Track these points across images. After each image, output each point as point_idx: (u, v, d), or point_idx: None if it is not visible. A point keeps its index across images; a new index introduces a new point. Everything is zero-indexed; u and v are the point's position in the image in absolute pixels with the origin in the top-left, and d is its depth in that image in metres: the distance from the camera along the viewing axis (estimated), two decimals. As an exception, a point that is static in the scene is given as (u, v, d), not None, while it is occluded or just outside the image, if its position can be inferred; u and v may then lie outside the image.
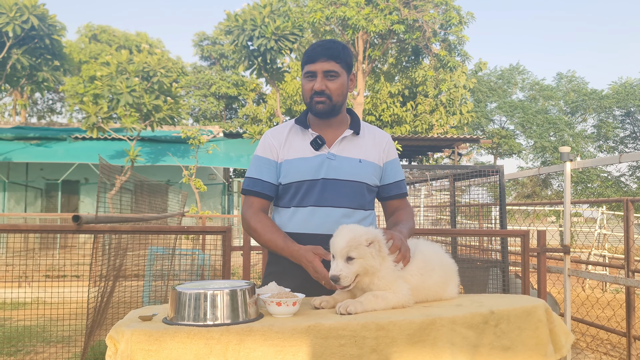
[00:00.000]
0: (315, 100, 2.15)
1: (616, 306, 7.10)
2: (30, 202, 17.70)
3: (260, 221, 2.15)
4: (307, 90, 2.17)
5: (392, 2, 15.77)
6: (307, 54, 2.17)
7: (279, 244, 2.08)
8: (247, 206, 2.21)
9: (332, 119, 2.22)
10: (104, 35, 26.07)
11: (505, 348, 1.71)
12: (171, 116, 13.46)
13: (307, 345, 1.53)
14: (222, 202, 18.17)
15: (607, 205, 12.58)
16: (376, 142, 2.27)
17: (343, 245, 1.78)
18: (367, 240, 1.79)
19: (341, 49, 2.17)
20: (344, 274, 1.77)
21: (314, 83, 2.14)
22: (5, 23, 13.47)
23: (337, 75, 2.15)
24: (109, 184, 5.79)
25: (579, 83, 33.68)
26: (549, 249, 4.44)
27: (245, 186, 2.23)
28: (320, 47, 2.15)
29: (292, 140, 2.21)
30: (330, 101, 2.15)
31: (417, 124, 19.39)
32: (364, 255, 1.78)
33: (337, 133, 2.22)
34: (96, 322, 4.66)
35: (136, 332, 1.50)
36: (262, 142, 2.25)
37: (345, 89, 2.19)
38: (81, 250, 12.17)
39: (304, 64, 2.19)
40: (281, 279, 2.05)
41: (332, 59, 2.13)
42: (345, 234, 1.81)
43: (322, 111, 2.16)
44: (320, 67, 2.13)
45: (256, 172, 2.21)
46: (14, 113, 25.99)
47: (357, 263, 1.78)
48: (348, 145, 2.20)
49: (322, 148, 2.17)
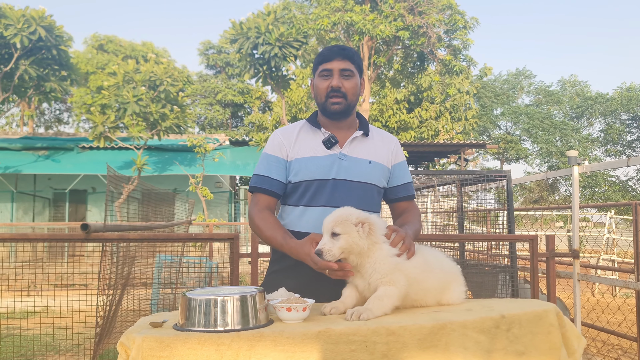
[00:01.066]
0: (331, 101, 2.16)
1: (627, 311, 7.04)
2: (39, 211, 17.79)
3: (263, 218, 2.14)
4: (322, 89, 2.17)
5: (397, 8, 15.82)
6: (322, 54, 2.19)
7: (278, 240, 2.07)
8: (254, 203, 2.20)
9: (344, 120, 2.22)
10: (111, 45, 26.26)
11: (519, 353, 1.70)
12: (177, 125, 13.52)
13: (317, 351, 1.53)
14: (228, 210, 18.19)
15: (616, 210, 12.50)
16: (385, 144, 2.28)
17: (329, 222, 1.82)
18: (357, 219, 1.81)
19: (354, 52, 2.21)
20: (327, 247, 1.79)
21: (330, 81, 2.15)
22: (13, 34, 13.59)
23: (353, 74, 2.18)
24: (116, 193, 5.82)
25: (582, 87, 33.59)
26: (557, 253, 4.41)
27: (252, 183, 2.22)
28: (336, 47, 2.19)
29: (303, 139, 2.21)
30: (346, 100, 2.16)
31: (423, 130, 19.39)
32: (349, 231, 1.79)
33: (347, 134, 2.22)
34: (105, 330, 4.66)
35: (147, 339, 1.50)
36: (271, 140, 2.25)
37: (358, 89, 2.21)
38: (89, 259, 12.20)
39: (318, 64, 2.20)
40: (283, 278, 2.06)
41: (347, 59, 2.16)
42: (335, 213, 1.85)
43: (337, 111, 2.17)
44: (337, 65, 2.15)
45: (264, 170, 2.20)
46: (22, 123, 26.19)
47: (342, 239, 1.79)
48: (358, 146, 2.21)
49: (334, 147, 2.17)
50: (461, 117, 19.53)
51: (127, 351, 1.56)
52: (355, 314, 1.70)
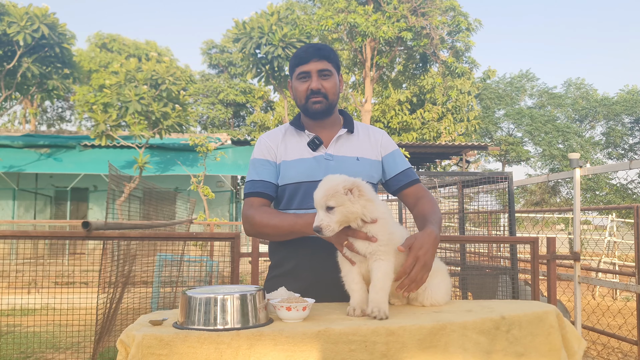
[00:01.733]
0: (312, 101, 2.14)
1: (627, 314, 7.03)
2: (40, 209, 17.82)
3: (264, 212, 2.10)
4: (301, 91, 2.15)
5: (400, 9, 15.82)
6: (297, 56, 2.16)
7: (289, 220, 2.02)
8: (248, 206, 2.16)
9: (327, 119, 2.21)
10: (115, 44, 26.29)
11: (519, 354, 1.69)
12: (179, 123, 13.54)
13: (317, 351, 1.53)
14: (230, 210, 18.21)
15: (617, 213, 12.48)
16: (371, 138, 2.25)
17: (321, 196, 1.78)
18: (344, 188, 1.78)
19: (330, 50, 2.18)
20: (325, 223, 1.77)
21: (308, 83, 2.13)
22: (16, 32, 13.63)
23: (331, 74, 2.16)
24: (117, 192, 5.83)
25: (588, 90, 33.55)
26: (558, 256, 4.41)
27: (246, 190, 2.20)
28: (312, 48, 2.16)
29: (289, 142, 2.19)
30: (327, 100, 2.15)
31: (425, 131, 19.39)
32: (343, 202, 1.77)
33: (331, 133, 2.20)
34: (105, 328, 4.67)
35: (147, 337, 1.50)
36: (258, 145, 2.23)
37: (337, 88, 2.19)
38: (90, 257, 12.22)
39: (295, 66, 2.17)
40: (284, 283, 2.02)
41: (324, 59, 2.14)
42: (322, 185, 1.81)
43: (319, 111, 2.15)
44: (314, 66, 2.12)
45: (255, 174, 2.18)
46: (24, 121, 26.23)
47: (337, 212, 1.77)
48: (344, 144, 2.19)
49: (319, 148, 2.15)
50: (463, 119, 19.52)
51: (127, 349, 1.56)
52: (376, 312, 1.69)
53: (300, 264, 2.11)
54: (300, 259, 2.11)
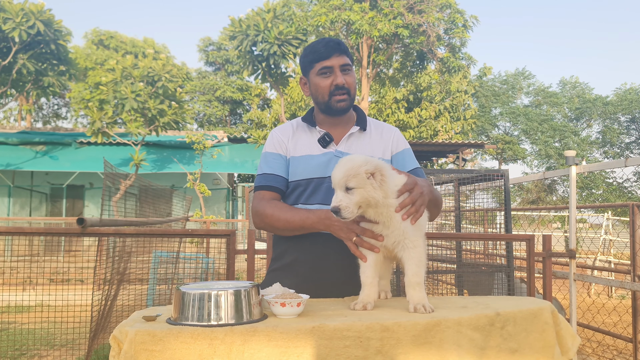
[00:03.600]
0: (337, 99, 2.10)
1: (622, 312, 7.06)
2: (35, 206, 17.76)
3: (275, 205, 2.07)
4: (324, 87, 2.10)
5: (396, 6, 15.81)
6: (316, 51, 2.11)
7: (301, 215, 1.99)
8: (258, 199, 2.12)
9: (343, 116, 2.18)
10: (112, 41, 26.21)
11: (513, 350, 1.69)
12: (176, 121, 13.52)
13: (311, 346, 1.52)
14: (226, 207, 18.19)
15: (613, 211, 12.51)
16: (383, 136, 2.22)
17: (341, 176, 1.71)
18: (366, 172, 1.70)
19: (346, 45, 2.16)
20: (344, 204, 1.70)
21: (332, 79, 2.09)
22: (12, 28, 13.57)
23: (351, 69, 2.13)
24: (113, 189, 5.80)
25: (583, 89, 33.64)
26: (554, 253, 4.41)
27: (257, 183, 2.17)
28: (332, 42, 2.11)
29: (299, 138, 2.17)
30: (349, 96, 2.12)
31: (422, 129, 19.40)
32: (364, 184, 1.69)
33: (344, 130, 2.18)
34: (100, 326, 4.65)
35: (140, 333, 1.49)
36: (270, 139, 2.20)
37: (356, 83, 2.17)
38: (85, 255, 12.18)
39: (314, 62, 2.11)
40: (282, 276, 2.02)
41: (344, 54, 2.11)
42: (343, 164, 1.73)
43: (344, 108, 2.12)
44: (336, 61, 2.09)
45: (267, 168, 2.14)
46: (20, 118, 26.14)
47: (357, 193, 1.70)
48: (355, 142, 2.16)
49: (329, 145, 2.13)
50: (460, 117, 19.54)
51: (120, 345, 1.55)
52: (419, 309, 1.70)
53: (300, 258, 2.10)
54: (299, 253, 2.10)
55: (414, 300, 1.73)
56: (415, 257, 1.75)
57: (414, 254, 1.75)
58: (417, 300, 1.72)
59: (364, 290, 1.83)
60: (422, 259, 1.76)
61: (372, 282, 1.82)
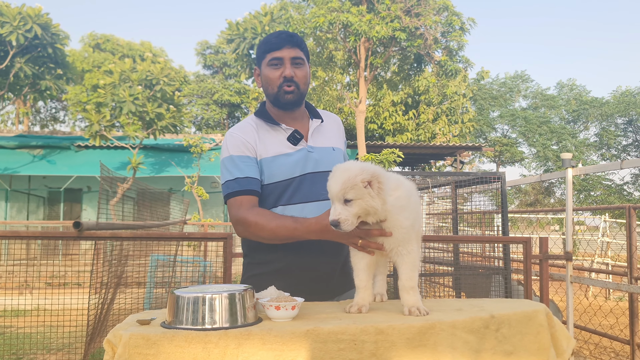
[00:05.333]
0: (285, 90, 2.06)
1: (619, 313, 7.06)
2: (33, 210, 17.72)
3: (258, 213, 1.97)
4: (273, 78, 2.07)
5: (394, 9, 15.84)
6: (269, 42, 2.08)
7: (289, 225, 1.91)
8: (236, 207, 2.00)
9: (296, 110, 2.15)
10: (108, 44, 26.20)
11: (508, 353, 1.69)
12: (174, 124, 13.51)
13: (306, 350, 1.52)
14: (224, 211, 18.17)
15: (610, 214, 12.53)
16: (335, 127, 2.25)
17: (338, 188, 1.68)
18: (363, 182, 1.67)
19: (301, 38, 2.13)
20: (344, 217, 1.67)
21: (281, 70, 2.06)
22: (9, 32, 13.57)
23: (303, 62, 2.10)
24: (111, 192, 5.80)
25: (580, 91, 33.72)
26: (551, 255, 4.42)
27: (228, 190, 2.03)
28: (284, 34, 2.09)
29: (265, 137, 2.08)
30: (299, 90, 2.08)
31: (420, 132, 19.41)
32: (362, 195, 1.67)
33: (304, 124, 2.16)
34: (97, 329, 4.64)
35: (134, 336, 1.49)
36: (231, 141, 2.07)
37: (308, 78, 2.14)
38: (83, 259, 12.15)
39: (265, 52, 2.08)
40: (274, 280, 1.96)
41: (296, 46, 2.08)
42: (339, 176, 1.70)
43: (291, 101, 2.08)
44: (287, 53, 2.06)
45: (238, 172, 2.03)
46: (17, 121, 26.10)
47: (355, 205, 1.68)
48: (318, 135, 2.15)
49: (300, 142, 2.09)
50: (458, 120, 19.56)
51: (114, 348, 1.55)
52: (413, 311, 1.70)
53: (290, 264, 2.06)
54: (289, 259, 2.05)
55: (409, 303, 1.73)
56: (409, 262, 1.76)
57: (407, 259, 1.76)
58: (411, 303, 1.73)
59: (359, 293, 1.83)
60: (415, 263, 1.76)
61: (366, 286, 1.83)
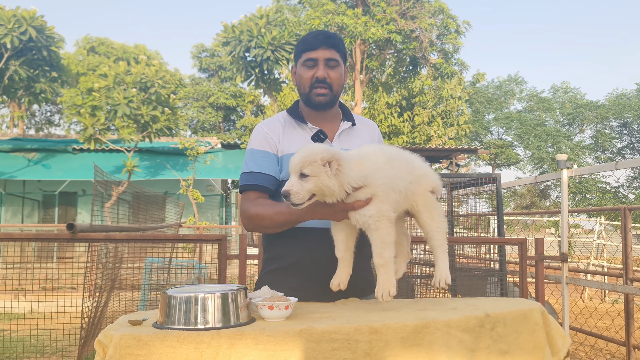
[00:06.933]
0: (316, 92, 2.07)
1: (614, 315, 7.06)
2: (28, 214, 17.63)
3: (259, 204, 2.01)
4: (306, 78, 2.08)
5: (389, 12, 15.87)
6: (305, 41, 2.09)
7: (284, 210, 1.91)
8: (245, 200, 2.05)
9: (328, 111, 2.15)
10: (102, 47, 26.15)
11: (503, 352, 1.68)
12: (169, 127, 13.48)
13: (299, 349, 1.50)
14: (220, 214, 18.13)
15: (606, 216, 12.55)
16: (369, 132, 2.24)
17: (297, 162, 1.71)
18: (322, 160, 1.70)
19: (339, 39, 2.12)
20: (295, 189, 1.70)
21: (315, 71, 2.07)
22: (4, 34, 13.53)
23: (338, 64, 2.10)
24: (105, 195, 5.77)
25: (575, 94, 33.87)
26: (546, 257, 4.41)
27: (243, 182, 2.08)
28: (321, 35, 2.09)
29: (290, 134, 2.10)
30: (331, 91, 2.09)
31: (415, 135, 19.43)
32: (318, 173, 1.69)
33: (333, 126, 2.16)
34: (91, 333, 4.61)
35: (125, 337, 1.47)
36: (256, 135, 2.12)
37: (343, 79, 2.14)
38: (77, 262, 12.10)
39: (302, 52, 2.09)
40: (284, 277, 1.99)
41: (332, 48, 2.08)
42: (302, 151, 1.74)
43: (322, 103, 2.09)
44: (322, 54, 2.06)
45: (254, 166, 2.06)
46: (12, 125, 26.00)
47: (310, 181, 1.70)
48: (346, 138, 2.14)
49: (324, 143, 2.09)
50: (453, 123, 19.60)
51: (105, 349, 1.52)
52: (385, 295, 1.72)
53: (304, 258, 2.04)
54: (303, 253, 2.04)
55: (378, 286, 1.74)
56: (378, 238, 1.74)
57: (375, 235, 1.74)
58: (381, 284, 1.73)
59: (337, 271, 1.87)
60: (385, 240, 1.73)
61: (343, 257, 1.86)
